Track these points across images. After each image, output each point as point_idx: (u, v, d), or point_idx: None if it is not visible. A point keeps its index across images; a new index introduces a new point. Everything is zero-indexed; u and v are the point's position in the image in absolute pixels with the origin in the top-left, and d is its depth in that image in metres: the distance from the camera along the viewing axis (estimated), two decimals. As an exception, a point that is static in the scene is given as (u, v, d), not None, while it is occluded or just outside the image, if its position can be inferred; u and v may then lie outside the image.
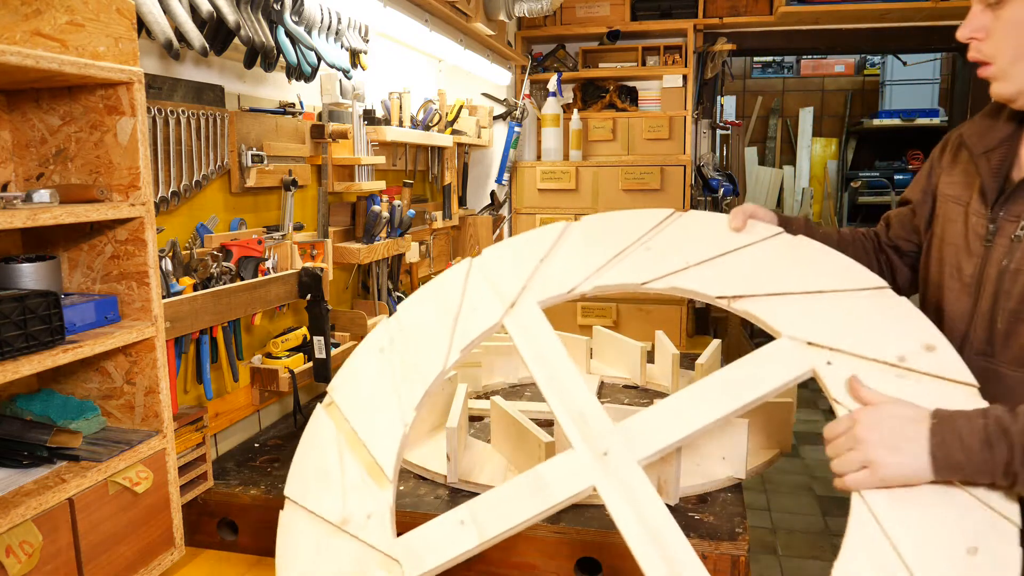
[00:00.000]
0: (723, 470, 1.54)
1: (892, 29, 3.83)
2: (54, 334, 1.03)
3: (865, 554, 0.90)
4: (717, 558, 1.30)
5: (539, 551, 1.37)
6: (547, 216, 3.75)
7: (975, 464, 0.91)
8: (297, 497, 1.13)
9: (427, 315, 1.30)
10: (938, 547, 0.88)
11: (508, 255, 1.35)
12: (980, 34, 1.06)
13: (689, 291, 1.23)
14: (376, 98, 2.42)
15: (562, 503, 1.07)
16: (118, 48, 1.14)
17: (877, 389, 1.02)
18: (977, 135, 1.17)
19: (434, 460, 1.61)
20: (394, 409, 1.19)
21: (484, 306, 1.28)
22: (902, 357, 1.05)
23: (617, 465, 1.07)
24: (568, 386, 1.15)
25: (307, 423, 1.24)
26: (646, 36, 3.92)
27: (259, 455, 1.73)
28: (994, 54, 1.05)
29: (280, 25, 1.70)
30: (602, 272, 1.29)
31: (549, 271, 1.31)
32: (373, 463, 1.13)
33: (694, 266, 1.25)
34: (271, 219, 1.93)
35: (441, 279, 1.36)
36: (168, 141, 1.51)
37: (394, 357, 1.26)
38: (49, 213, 1.02)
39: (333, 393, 1.25)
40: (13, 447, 1.12)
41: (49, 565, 1.04)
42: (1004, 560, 0.85)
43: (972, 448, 0.90)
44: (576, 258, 1.32)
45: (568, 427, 1.12)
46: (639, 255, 1.30)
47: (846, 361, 1.07)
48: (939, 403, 0.99)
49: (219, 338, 1.68)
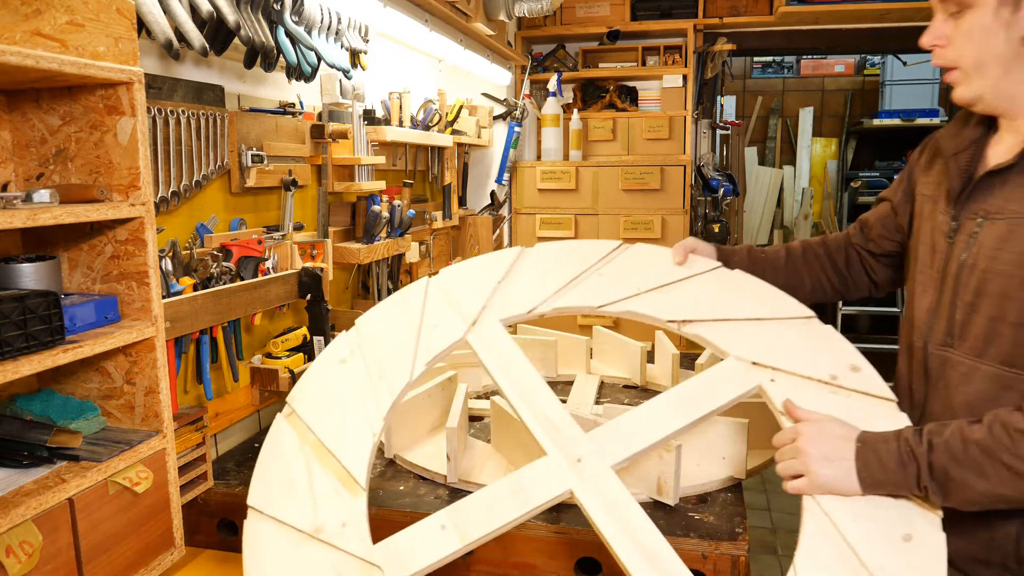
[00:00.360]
0: (723, 470, 1.54)
1: (892, 29, 3.83)
2: (54, 334, 1.03)
3: (820, 543, 1.02)
4: (717, 558, 1.30)
5: (539, 551, 1.37)
6: (547, 216, 3.76)
7: (893, 481, 1.05)
8: (262, 507, 1.13)
9: (388, 330, 1.35)
10: (879, 535, 1.01)
11: (465, 276, 1.44)
12: (942, 41, 1.12)
13: (642, 315, 1.35)
14: (376, 98, 2.42)
15: (541, 506, 1.11)
16: (118, 48, 1.14)
17: (814, 403, 1.16)
18: (949, 138, 1.23)
19: (434, 460, 1.61)
20: (362, 419, 1.21)
21: (446, 323, 1.35)
22: (834, 376, 1.20)
23: (592, 471, 1.13)
24: (537, 398, 1.21)
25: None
26: (646, 36, 3.92)
27: (259, 455, 1.73)
28: (956, 60, 1.11)
29: (280, 25, 1.70)
30: (560, 295, 1.39)
31: (508, 293, 1.40)
32: (344, 472, 1.14)
33: (645, 293, 1.37)
34: (271, 219, 1.93)
35: (398, 296, 1.42)
36: (168, 141, 1.51)
37: (358, 368, 1.29)
38: (49, 213, 1.02)
39: (293, 403, 1.26)
40: (13, 447, 1.12)
41: (49, 565, 1.04)
42: (933, 543, 0.99)
43: (889, 468, 1.05)
44: (534, 281, 1.41)
45: (541, 436, 1.17)
46: (593, 280, 1.41)
47: (787, 379, 1.21)
48: (865, 415, 1.13)
49: (219, 338, 1.68)
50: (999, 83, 1.09)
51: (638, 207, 3.67)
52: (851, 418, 1.12)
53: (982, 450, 0.99)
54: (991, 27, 1.06)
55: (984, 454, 0.99)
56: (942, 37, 1.12)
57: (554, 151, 3.80)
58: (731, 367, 1.25)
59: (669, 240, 3.66)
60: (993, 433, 0.99)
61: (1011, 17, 1.05)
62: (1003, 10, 1.05)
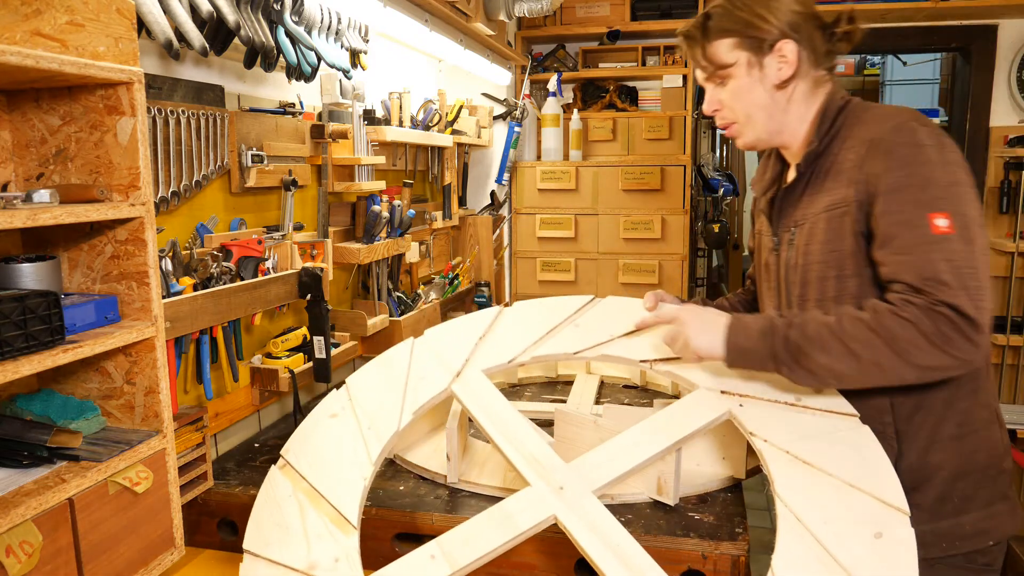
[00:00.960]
0: (723, 470, 1.54)
1: (892, 29, 3.83)
2: (54, 334, 1.03)
3: (795, 547, 1.07)
4: (717, 558, 1.30)
5: (539, 551, 1.37)
6: (547, 216, 3.76)
7: (754, 347, 1.25)
8: (258, 549, 1.16)
9: (377, 385, 1.46)
10: (851, 535, 1.06)
11: (449, 335, 1.57)
12: (718, 106, 1.40)
13: (616, 357, 1.48)
14: (376, 98, 2.42)
15: (527, 532, 1.15)
16: (118, 48, 1.14)
17: (782, 422, 1.26)
18: (757, 181, 1.52)
19: (434, 460, 1.61)
20: (353, 465, 1.28)
21: (431, 375, 1.46)
22: (798, 398, 1.30)
23: (574, 497, 1.19)
24: (520, 436, 1.30)
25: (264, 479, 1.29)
26: (646, 36, 3.92)
27: (259, 455, 1.73)
28: (733, 117, 1.39)
29: (280, 25, 1.70)
30: (538, 345, 1.52)
31: (490, 346, 1.53)
32: (336, 514, 1.19)
33: (618, 338, 1.50)
34: (271, 219, 1.93)
35: (384, 357, 1.54)
36: (168, 141, 1.51)
37: (348, 421, 1.38)
38: (49, 213, 1.02)
39: (287, 456, 1.32)
40: (13, 447, 1.12)
41: (49, 565, 1.04)
42: (902, 539, 1.05)
43: (753, 336, 1.25)
44: (514, 334, 1.54)
45: (524, 470, 1.24)
46: (569, 331, 1.55)
47: (754, 403, 1.31)
48: (831, 427, 1.24)
49: (219, 338, 1.68)
50: (768, 124, 1.37)
51: (638, 207, 3.67)
52: (818, 431, 1.23)
53: (829, 331, 1.19)
54: (749, 85, 1.34)
55: (830, 334, 1.19)
56: (717, 102, 1.39)
57: (554, 151, 3.80)
58: (702, 396, 1.34)
59: (669, 240, 3.66)
60: (840, 320, 1.20)
61: (760, 73, 1.34)
62: (753, 71, 1.34)
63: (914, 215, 1.18)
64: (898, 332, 1.14)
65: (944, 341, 1.12)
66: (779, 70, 1.33)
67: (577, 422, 1.52)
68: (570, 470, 1.24)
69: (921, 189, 1.18)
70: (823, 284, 1.32)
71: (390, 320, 2.32)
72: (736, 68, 1.34)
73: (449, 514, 1.43)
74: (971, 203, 1.19)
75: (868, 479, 1.13)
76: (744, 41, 1.33)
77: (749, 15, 1.32)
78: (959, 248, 1.15)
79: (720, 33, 1.34)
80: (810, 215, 1.34)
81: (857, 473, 1.14)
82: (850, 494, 1.12)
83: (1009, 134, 3.76)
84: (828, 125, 1.33)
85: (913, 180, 1.19)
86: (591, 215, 3.73)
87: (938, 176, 1.19)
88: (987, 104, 3.80)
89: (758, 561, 1.79)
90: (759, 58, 1.33)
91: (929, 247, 1.16)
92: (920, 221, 1.17)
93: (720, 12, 1.35)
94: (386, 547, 1.45)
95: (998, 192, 3.80)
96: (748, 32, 1.33)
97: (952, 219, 1.16)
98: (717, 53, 1.35)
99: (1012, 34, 3.72)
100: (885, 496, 1.11)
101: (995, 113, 3.80)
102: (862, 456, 1.18)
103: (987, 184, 3.83)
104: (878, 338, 1.15)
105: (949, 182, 1.19)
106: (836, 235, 1.28)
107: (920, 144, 1.20)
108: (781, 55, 1.32)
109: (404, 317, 2.37)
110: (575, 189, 3.73)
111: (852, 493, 1.12)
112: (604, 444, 1.30)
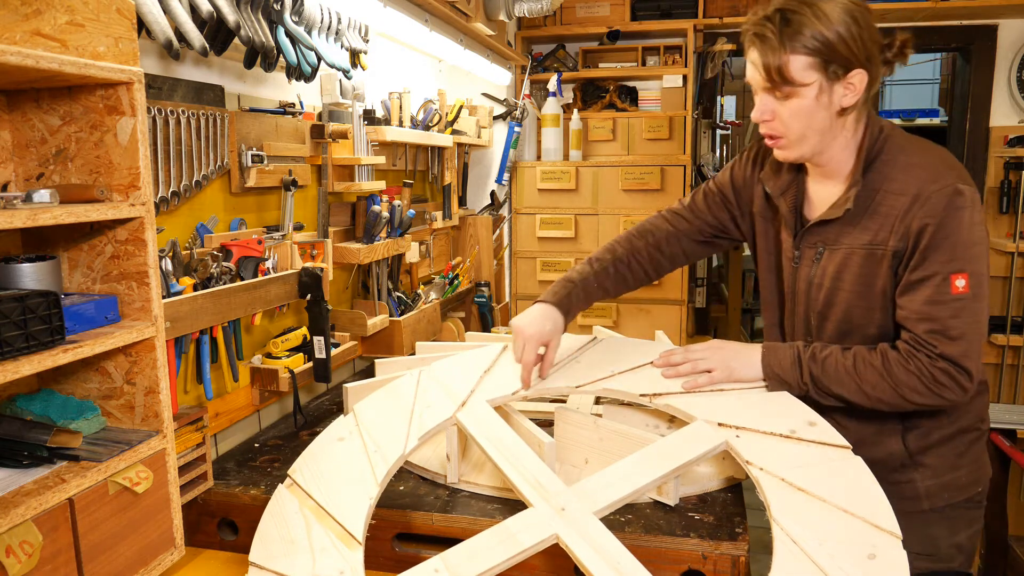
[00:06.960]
0: (723, 470, 1.54)
1: (892, 29, 3.83)
2: (54, 334, 1.03)
3: (792, 567, 1.08)
4: (717, 558, 1.30)
5: (540, 552, 1.37)
6: (547, 216, 3.76)
7: (787, 376, 1.43)
8: (263, 562, 1.17)
9: (384, 410, 1.51)
10: (845, 555, 1.08)
11: (455, 367, 1.63)
12: (769, 117, 1.37)
13: (617, 391, 1.53)
14: (376, 98, 2.42)
15: (529, 549, 1.17)
16: (118, 48, 1.14)
17: (777, 453, 1.29)
18: (771, 180, 1.51)
19: (434, 460, 1.61)
20: (359, 484, 1.31)
21: (438, 404, 1.51)
22: (793, 430, 1.34)
23: (575, 517, 1.21)
24: (523, 462, 1.34)
25: (271, 495, 1.30)
26: (646, 36, 3.92)
27: (259, 455, 1.73)
28: (783, 132, 1.37)
29: (280, 25, 1.70)
30: (542, 379, 1.58)
31: (494, 379, 1.58)
32: (342, 530, 1.21)
33: (618, 374, 1.57)
34: (271, 219, 1.93)
35: (391, 387, 1.58)
36: (168, 141, 1.51)
37: (355, 444, 1.41)
38: (49, 213, 1.02)
39: (294, 475, 1.34)
40: (13, 447, 1.12)
41: (49, 565, 1.04)
42: (895, 560, 1.07)
43: (785, 367, 1.43)
44: (516, 369, 1.57)
45: (528, 492, 1.27)
46: (572, 367, 1.62)
47: (750, 435, 1.34)
48: (824, 458, 1.27)
49: (219, 338, 1.68)
50: (817, 147, 1.38)
51: (638, 207, 3.66)
52: (812, 461, 1.27)
53: (846, 372, 1.37)
54: (813, 108, 1.32)
55: (847, 374, 1.37)
56: (770, 113, 1.36)
57: (554, 151, 3.80)
58: (700, 428, 1.38)
59: (669, 240, 3.65)
60: (855, 364, 1.37)
61: (828, 99, 1.32)
62: (822, 96, 1.31)
63: (939, 274, 1.30)
64: (903, 379, 1.33)
65: (939, 388, 1.32)
66: (844, 96, 1.32)
67: (577, 422, 1.52)
68: (571, 493, 1.25)
69: (951, 251, 1.30)
70: (850, 311, 1.43)
71: (390, 320, 2.32)
72: (807, 89, 1.30)
73: (449, 514, 1.43)
74: (985, 260, 1.33)
75: (861, 505, 1.16)
76: (824, 64, 1.28)
77: (839, 41, 1.27)
78: (970, 307, 1.30)
79: (803, 49, 1.27)
80: (844, 244, 1.41)
81: (850, 499, 1.17)
82: (843, 518, 1.15)
83: (1009, 134, 3.76)
84: (872, 159, 1.38)
85: (946, 243, 1.30)
86: (591, 215, 3.73)
87: (965, 238, 1.30)
88: (987, 104, 3.80)
89: (758, 561, 1.78)
90: (831, 84, 1.30)
91: (945, 306, 1.30)
92: (942, 281, 1.30)
93: (805, 22, 1.27)
94: (386, 547, 1.45)
95: (998, 192, 3.80)
96: (834, 58, 1.28)
97: (969, 279, 1.30)
98: (793, 69, 1.28)
99: (1012, 34, 3.72)
100: (878, 521, 1.13)
101: (995, 113, 3.80)
102: (854, 484, 1.21)
103: (987, 184, 3.83)
104: (885, 382, 1.35)
105: (973, 242, 1.30)
106: (872, 272, 1.38)
107: (960, 208, 1.29)
108: (850, 83, 1.30)
109: (404, 317, 2.37)
110: (575, 189, 3.73)
111: (845, 518, 1.15)
112: (604, 470, 1.31)
